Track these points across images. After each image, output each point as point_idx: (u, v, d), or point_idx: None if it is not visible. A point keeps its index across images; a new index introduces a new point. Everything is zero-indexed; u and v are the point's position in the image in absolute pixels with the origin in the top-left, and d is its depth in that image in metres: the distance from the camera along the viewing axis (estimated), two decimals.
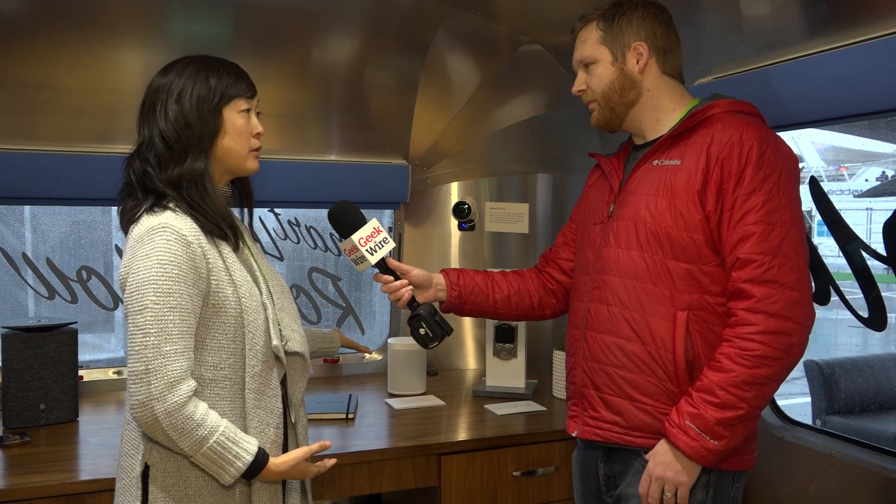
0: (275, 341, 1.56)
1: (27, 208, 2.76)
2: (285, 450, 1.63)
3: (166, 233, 1.45)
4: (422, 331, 1.86)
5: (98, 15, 2.35)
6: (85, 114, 2.55)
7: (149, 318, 1.41)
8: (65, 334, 2.35)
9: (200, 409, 1.43)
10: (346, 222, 1.82)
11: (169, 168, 1.52)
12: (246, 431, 1.51)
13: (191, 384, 1.43)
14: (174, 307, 1.42)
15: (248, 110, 1.61)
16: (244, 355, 1.52)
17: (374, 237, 1.81)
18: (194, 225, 1.50)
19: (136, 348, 1.40)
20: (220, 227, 1.54)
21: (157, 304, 1.41)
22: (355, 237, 1.80)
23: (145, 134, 1.55)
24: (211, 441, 1.43)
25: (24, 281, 2.70)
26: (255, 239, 1.79)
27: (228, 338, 1.51)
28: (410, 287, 1.89)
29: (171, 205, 1.51)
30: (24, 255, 2.70)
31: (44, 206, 2.76)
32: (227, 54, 1.68)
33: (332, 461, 1.70)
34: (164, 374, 1.40)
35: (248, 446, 1.48)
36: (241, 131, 1.59)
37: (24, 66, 2.38)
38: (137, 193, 1.54)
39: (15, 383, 2.26)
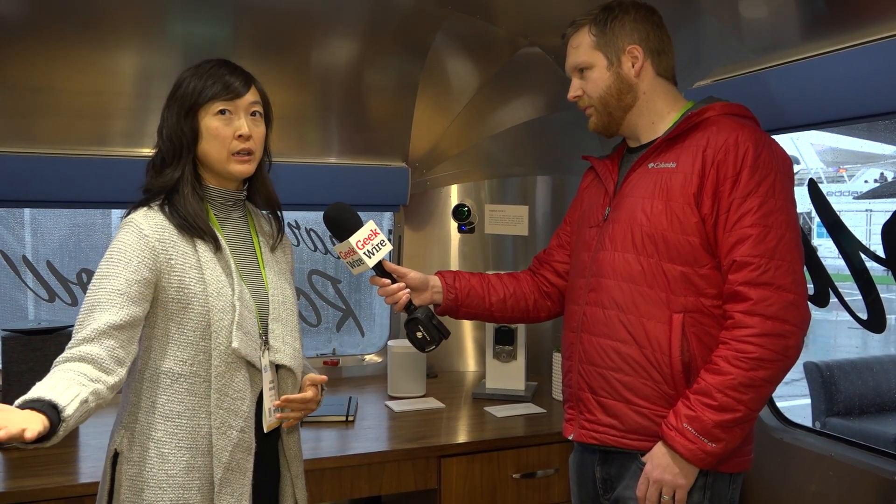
0: (234, 344, 1.53)
1: (27, 211, 2.76)
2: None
3: (128, 227, 1.51)
4: (419, 334, 1.84)
5: (97, 18, 2.36)
6: (84, 116, 2.55)
7: (87, 296, 1.46)
8: (65, 337, 2.33)
9: (57, 370, 1.40)
10: (342, 225, 1.78)
11: (161, 174, 1.58)
12: (210, 430, 1.52)
13: (77, 350, 1.41)
14: (104, 286, 1.45)
15: (223, 111, 1.56)
16: (210, 355, 1.53)
17: (371, 240, 1.78)
18: (164, 222, 1.53)
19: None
20: (197, 227, 1.55)
21: (93, 284, 1.47)
22: (353, 240, 1.76)
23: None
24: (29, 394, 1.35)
25: (24, 284, 2.70)
26: (274, 244, 1.73)
27: (196, 335, 1.52)
28: (407, 290, 1.87)
29: (151, 203, 1.56)
30: (25, 258, 2.70)
31: (44, 209, 2.76)
32: (226, 57, 1.67)
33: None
34: (76, 332, 1.43)
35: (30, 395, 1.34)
36: (215, 134, 1.55)
37: (23, 68, 2.39)
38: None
39: (15, 386, 2.26)
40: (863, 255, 2.02)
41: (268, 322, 1.62)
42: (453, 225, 3.14)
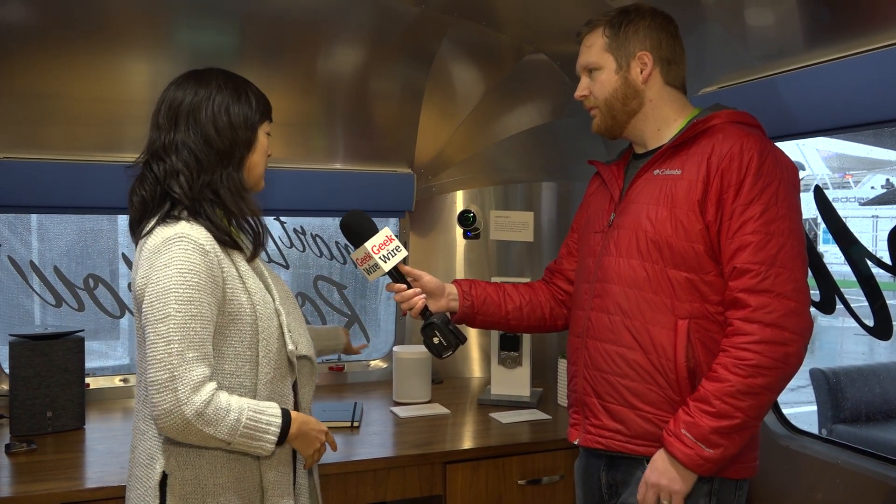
0: (290, 346, 1.59)
1: (34, 217, 2.77)
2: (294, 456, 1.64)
3: (184, 242, 1.47)
4: (435, 340, 1.83)
5: (105, 25, 2.37)
6: (91, 123, 2.56)
7: (171, 325, 1.42)
8: (72, 342, 2.36)
9: (223, 397, 1.45)
10: (358, 231, 1.82)
11: (208, 173, 1.55)
12: None
13: (213, 384, 1.45)
14: (195, 315, 1.44)
15: (268, 134, 1.68)
16: (257, 363, 1.54)
17: (386, 245, 1.81)
18: (209, 234, 1.52)
19: (159, 356, 1.41)
20: (232, 239, 1.56)
21: (179, 311, 1.43)
22: (368, 245, 1.79)
23: (182, 135, 1.55)
24: (244, 419, 1.46)
25: (32, 289, 2.72)
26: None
27: (244, 345, 1.53)
28: (423, 296, 1.88)
29: (183, 214, 1.53)
30: (32, 263, 2.71)
31: (51, 215, 2.77)
32: (233, 64, 1.70)
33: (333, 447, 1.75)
34: (189, 379, 1.41)
35: (272, 411, 1.52)
36: (265, 151, 1.66)
37: (31, 75, 2.41)
38: (148, 195, 1.55)
39: (22, 391, 2.28)
40: (869, 262, 2.01)
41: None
42: (459, 231, 3.14)
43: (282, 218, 3.04)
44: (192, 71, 1.63)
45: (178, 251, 1.46)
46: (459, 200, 3.16)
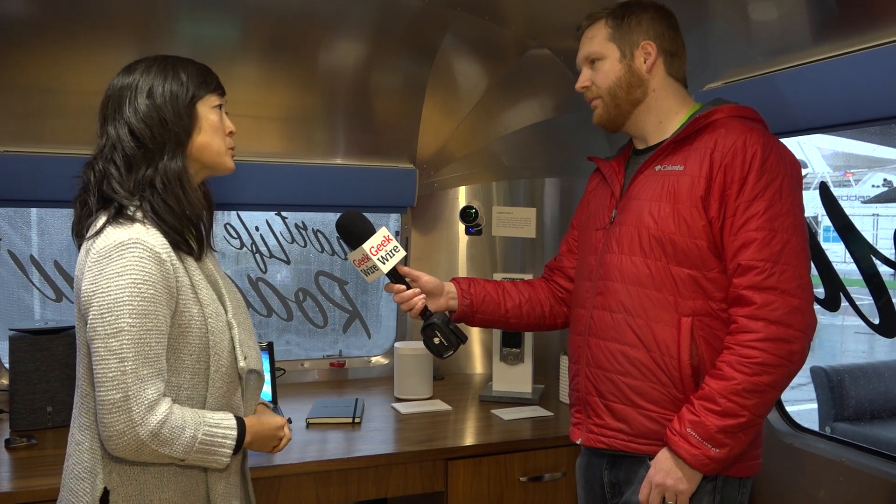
0: (241, 363, 1.50)
1: (34, 211, 2.76)
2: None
3: (139, 249, 1.35)
4: (436, 340, 1.82)
5: (106, 19, 2.36)
6: (92, 117, 2.47)
7: (125, 341, 1.32)
8: (72, 337, 2.35)
9: (177, 413, 1.38)
10: (355, 232, 1.79)
11: (139, 169, 1.43)
12: None
13: (168, 401, 1.38)
14: (150, 329, 1.34)
15: (219, 107, 1.53)
16: (207, 376, 1.46)
17: (384, 246, 1.78)
18: (164, 239, 1.40)
19: (112, 374, 1.32)
20: (185, 241, 1.45)
21: (133, 326, 1.32)
22: (366, 246, 1.76)
23: (111, 134, 1.45)
24: (199, 435, 1.39)
25: (32, 283, 2.71)
26: (213, 248, 1.64)
27: (193, 358, 1.43)
28: (423, 296, 1.87)
29: (137, 215, 1.41)
30: (32, 258, 2.70)
31: (51, 209, 2.76)
32: (234, 58, 1.68)
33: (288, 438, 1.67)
34: (144, 398, 1.33)
35: (227, 423, 1.45)
36: (216, 127, 1.51)
37: (32, 69, 2.40)
38: (92, 199, 1.46)
39: (22, 386, 2.27)
40: (875, 259, 2.01)
41: None
42: (461, 227, 3.13)
43: (283, 213, 3.04)
44: (133, 61, 1.52)
45: (132, 259, 1.34)
46: (462, 196, 3.16)
